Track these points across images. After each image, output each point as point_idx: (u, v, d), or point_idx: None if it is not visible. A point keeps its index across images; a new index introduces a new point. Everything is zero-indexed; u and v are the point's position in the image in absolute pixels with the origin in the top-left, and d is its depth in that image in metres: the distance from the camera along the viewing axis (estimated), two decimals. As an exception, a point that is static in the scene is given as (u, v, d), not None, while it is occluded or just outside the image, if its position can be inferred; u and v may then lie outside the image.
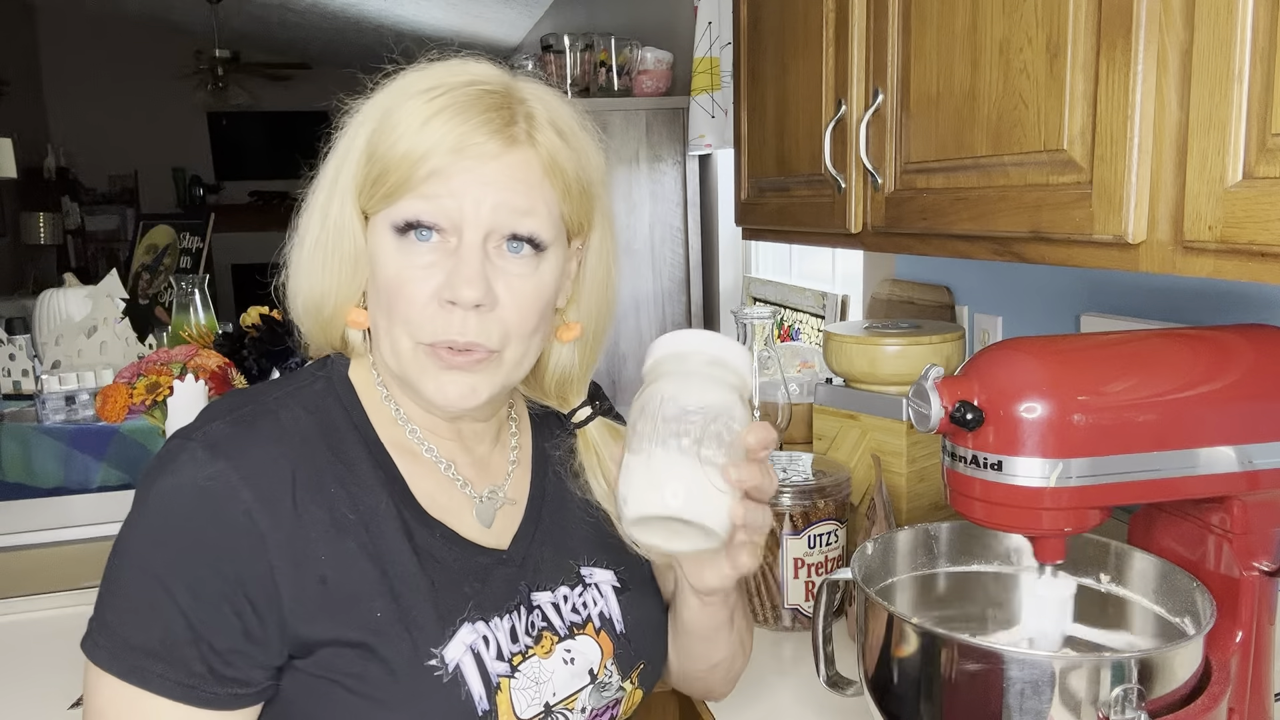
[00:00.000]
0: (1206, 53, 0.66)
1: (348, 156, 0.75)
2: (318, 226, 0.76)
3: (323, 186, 0.77)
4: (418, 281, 0.72)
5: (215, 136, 7.90)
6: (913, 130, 1.04)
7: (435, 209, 0.71)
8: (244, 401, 0.75)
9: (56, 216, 7.15)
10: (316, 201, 0.77)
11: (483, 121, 0.71)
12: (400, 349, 0.74)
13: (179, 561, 0.68)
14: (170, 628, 0.68)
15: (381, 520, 0.74)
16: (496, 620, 0.76)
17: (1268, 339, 0.80)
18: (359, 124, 0.75)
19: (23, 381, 2.85)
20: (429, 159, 0.70)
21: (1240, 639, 0.80)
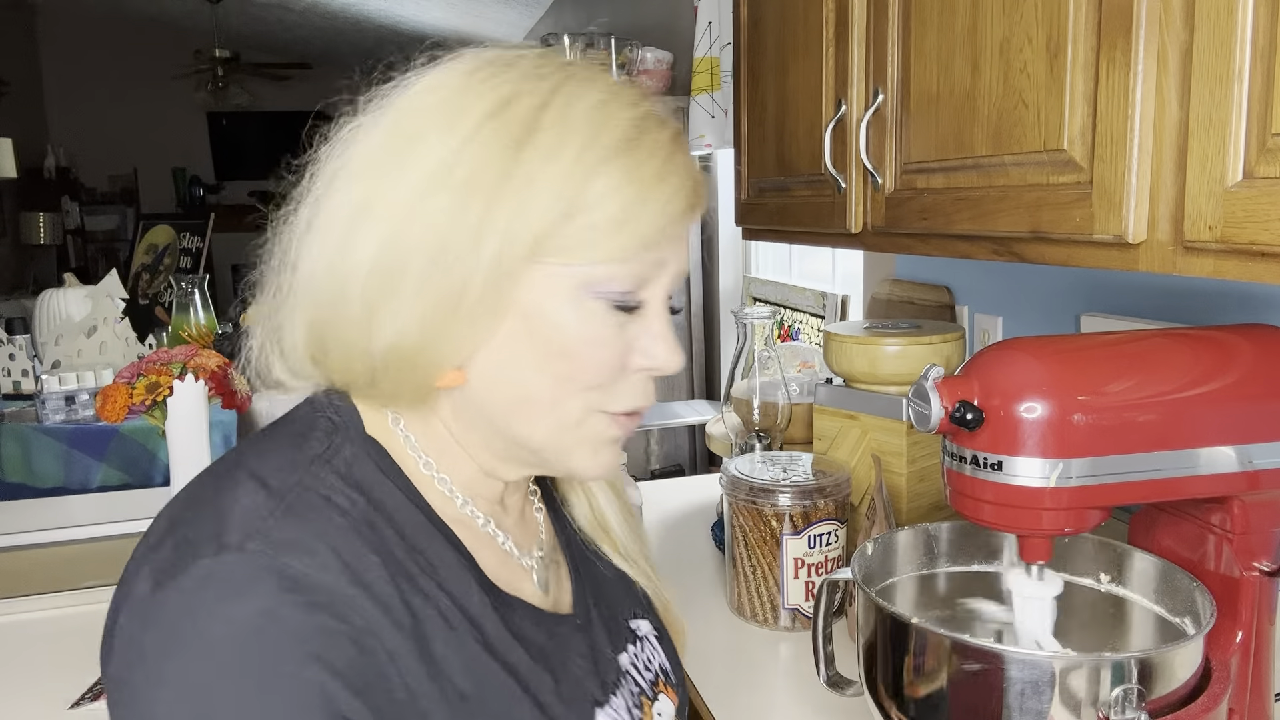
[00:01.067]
0: (1206, 53, 0.66)
1: (521, 197, 0.56)
2: (447, 266, 0.57)
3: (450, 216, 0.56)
4: (615, 349, 0.61)
5: (215, 136, 7.90)
6: (913, 130, 1.04)
7: (643, 275, 0.60)
8: (274, 480, 0.57)
9: (56, 216, 7.15)
10: (433, 233, 0.56)
11: (698, 176, 0.62)
12: (568, 420, 0.61)
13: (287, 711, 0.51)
14: None
15: (479, 609, 0.61)
16: (613, 698, 0.67)
17: (1268, 339, 0.80)
18: (533, 153, 0.57)
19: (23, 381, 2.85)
20: (659, 224, 0.59)
21: (1240, 639, 0.80)
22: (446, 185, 0.56)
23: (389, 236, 0.57)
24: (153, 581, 0.53)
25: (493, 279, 0.57)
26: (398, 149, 0.58)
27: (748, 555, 1.21)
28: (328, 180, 0.60)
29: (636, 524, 0.81)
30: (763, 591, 1.21)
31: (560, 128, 0.57)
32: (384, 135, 0.59)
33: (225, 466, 0.60)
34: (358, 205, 0.58)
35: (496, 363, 0.60)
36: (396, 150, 0.58)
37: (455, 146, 0.56)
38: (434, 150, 0.57)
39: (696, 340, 2.94)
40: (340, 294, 0.58)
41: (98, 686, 1.13)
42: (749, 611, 1.23)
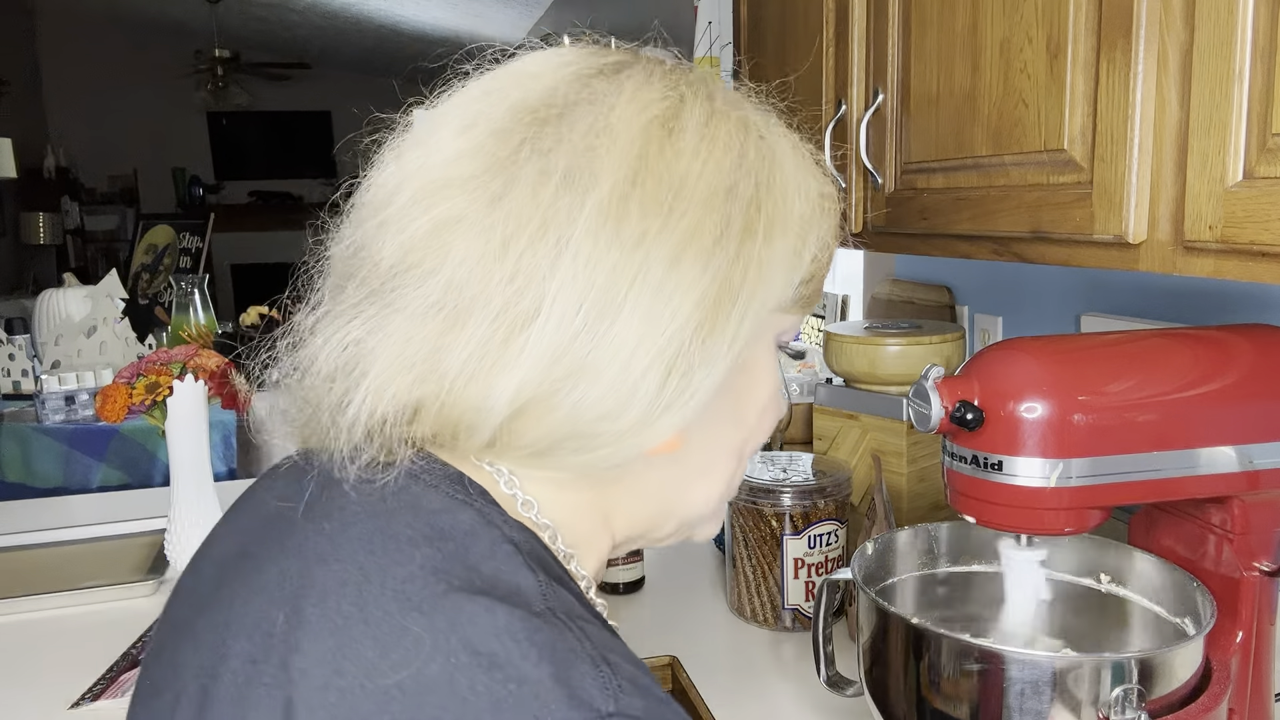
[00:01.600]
0: (1207, 52, 0.66)
1: (778, 227, 0.51)
2: (708, 302, 0.48)
3: (719, 240, 0.48)
4: (779, 405, 0.58)
5: (215, 136, 7.90)
6: (913, 130, 1.04)
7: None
8: (512, 589, 0.44)
9: (56, 216, 7.15)
10: (708, 265, 0.48)
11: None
12: (728, 489, 0.58)
13: None
14: None
15: None
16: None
17: (1268, 339, 0.80)
18: (783, 187, 0.52)
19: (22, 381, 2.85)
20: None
21: (1240, 639, 0.80)
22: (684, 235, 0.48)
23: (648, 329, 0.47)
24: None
25: (745, 332, 0.50)
26: (628, 237, 0.47)
27: (748, 555, 1.21)
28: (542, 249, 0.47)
29: None
30: (763, 591, 1.21)
31: (780, 209, 0.52)
32: (598, 213, 0.47)
33: (437, 605, 0.43)
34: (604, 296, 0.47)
35: (708, 423, 0.52)
36: (625, 241, 0.47)
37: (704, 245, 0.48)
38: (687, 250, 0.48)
39: (696, 340, 2.94)
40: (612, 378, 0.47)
41: (98, 686, 1.13)
42: (749, 612, 1.23)
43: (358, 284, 0.49)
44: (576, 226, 0.46)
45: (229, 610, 0.47)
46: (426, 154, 0.50)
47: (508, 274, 0.46)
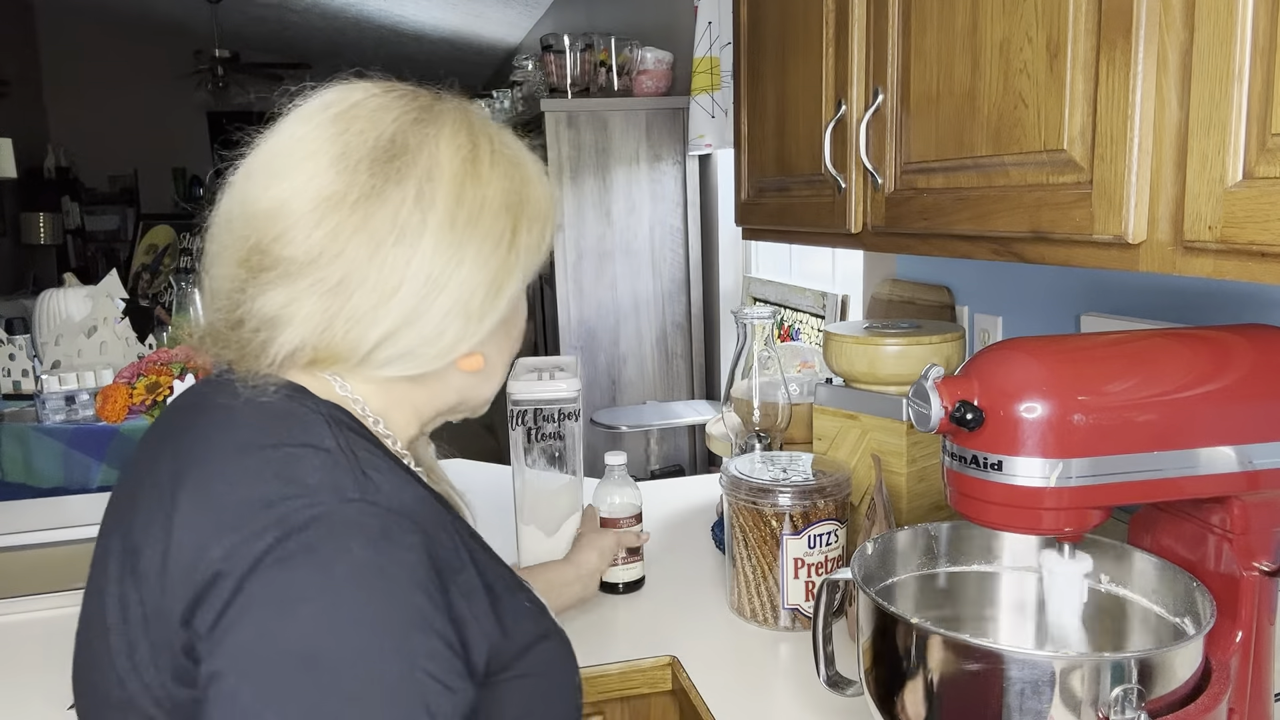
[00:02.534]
0: (1206, 52, 0.66)
1: (536, 220, 0.78)
2: (484, 267, 0.74)
3: (487, 226, 0.74)
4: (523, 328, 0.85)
5: (215, 136, 7.90)
6: (913, 130, 1.04)
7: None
8: (324, 443, 0.69)
9: (56, 216, 7.15)
10: (496, 253, 0.75)
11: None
12: (497, 388, 0.85)
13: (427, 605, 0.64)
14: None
15: (462, 528, 0.76)
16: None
17: (1268, 339, 0.80)
18: (533, 192, 0.78)
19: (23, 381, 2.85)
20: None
21: (1240, 639, 0.80)
22: (484, 212, 0.75)
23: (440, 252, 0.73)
24: (245, 553, 0.62)
25: (526, 277, 0.79)
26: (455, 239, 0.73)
27: (748, 555, 1.21)
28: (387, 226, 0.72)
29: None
30: (763, 591, 1.21)
31: (532, 218, 0.78)
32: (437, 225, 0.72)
33: (263, 450, 0.68)
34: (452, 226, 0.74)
35: (494, 344, 0.80)
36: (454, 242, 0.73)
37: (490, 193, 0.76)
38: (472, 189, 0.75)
39: (696, 340, 2.95)
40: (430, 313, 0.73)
41: (98, 686, 1.13)
42: (749, 611, 1.23)
43: (280, 272, 0.71)
44: (424, 234, 0.71)
45: (139, 486, 0.73)
46: (310, 176, 0.71)
47: (380, 265, 0.70)
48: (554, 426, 1.28)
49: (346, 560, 0.61)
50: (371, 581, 0.62)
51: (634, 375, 2.92)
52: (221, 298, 0.74)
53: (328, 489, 0.65)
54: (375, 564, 0.62)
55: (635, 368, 2.91)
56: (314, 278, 0.70)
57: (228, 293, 0.73)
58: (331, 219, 0.70)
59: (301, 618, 0.60)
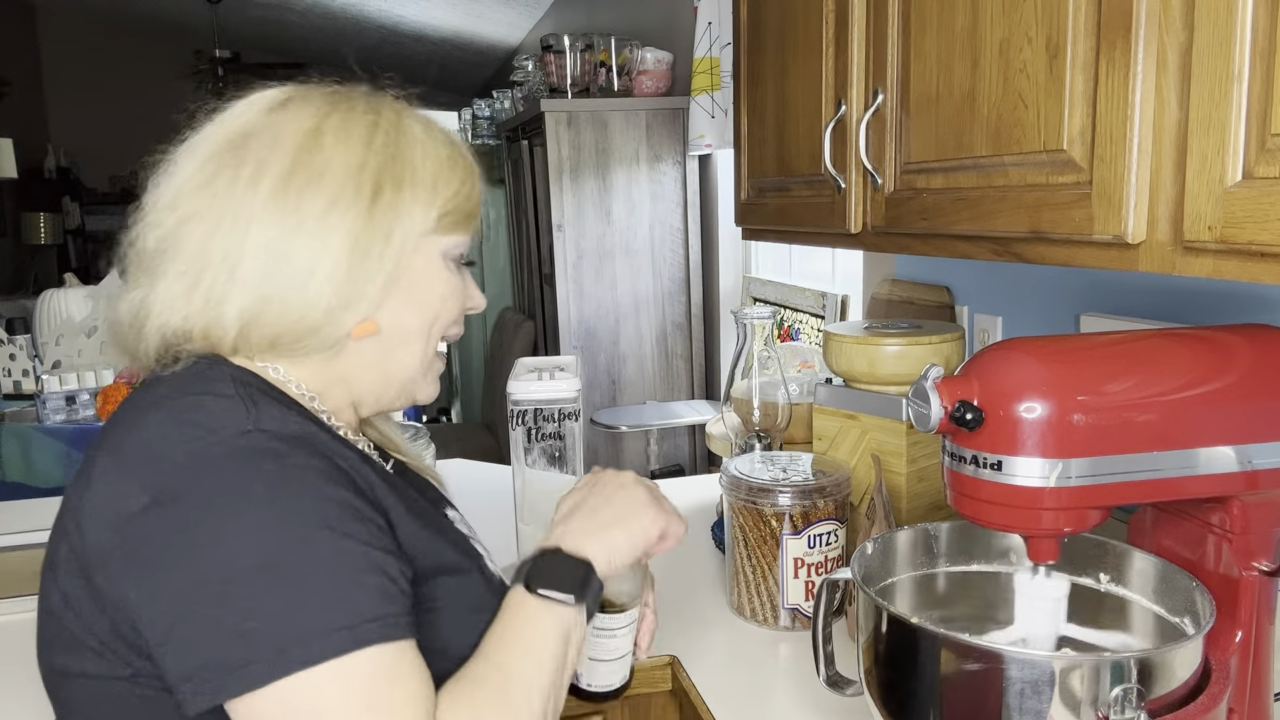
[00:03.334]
0: (1206, 53, 0.66)
1: (416, 171, 0.79)
2: (352, 233, 0.75)
3: (350, 193, 0.76)
4: (460, 297, 0.84)
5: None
6: (913, 130, 1.05)
7: (467, 241, 0.84)
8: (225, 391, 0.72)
9: (56, 216, 7.15)
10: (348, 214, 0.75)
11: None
12: (427, 355, 0.83)
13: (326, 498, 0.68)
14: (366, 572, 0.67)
15: (389, 482, 0.78)
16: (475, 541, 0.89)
17: (1268, 339, 0.80)
18: (409, 156, 0.79)
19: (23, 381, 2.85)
20: (476, 203, 0.83)
21: (1240, 639, 0.80)
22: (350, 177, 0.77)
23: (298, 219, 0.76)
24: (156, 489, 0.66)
25: (403, 241, 0.78)
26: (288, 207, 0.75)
27: (748, 555, 1.21)
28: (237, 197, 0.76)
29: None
30: (763, 591, 1.21)
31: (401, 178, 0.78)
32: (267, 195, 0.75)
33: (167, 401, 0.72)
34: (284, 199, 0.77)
35: (395, 313, 0.80)
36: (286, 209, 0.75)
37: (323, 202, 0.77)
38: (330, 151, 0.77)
39: (696, 340, 2.95)
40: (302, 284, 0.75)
41: (98, 686, 1.13)
42: (749, 611, 1.23)
43: (135, 265, 0.78)
44: (256, 204, 0.74)
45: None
46: (173, 174, 0.78)
47: (221, 242, 0.74)
48: (554, 426, 1.28)
49: (261, 479, 0.66)
50: (289, 489, 0.66)
51: (634, 375, 2.92)
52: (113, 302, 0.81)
53: (228, 427, 0.68)
54: (286, 476, 0.66)
55: (635, 368, 2.91)
56: (167, 267, 0.75)
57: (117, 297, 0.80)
58: (181, 208, 0.76)
59: (231, 535, 0.64)
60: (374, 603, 0.65)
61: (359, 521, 0.68)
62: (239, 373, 0.75)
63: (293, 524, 0.65)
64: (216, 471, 0.66)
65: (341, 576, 0.65)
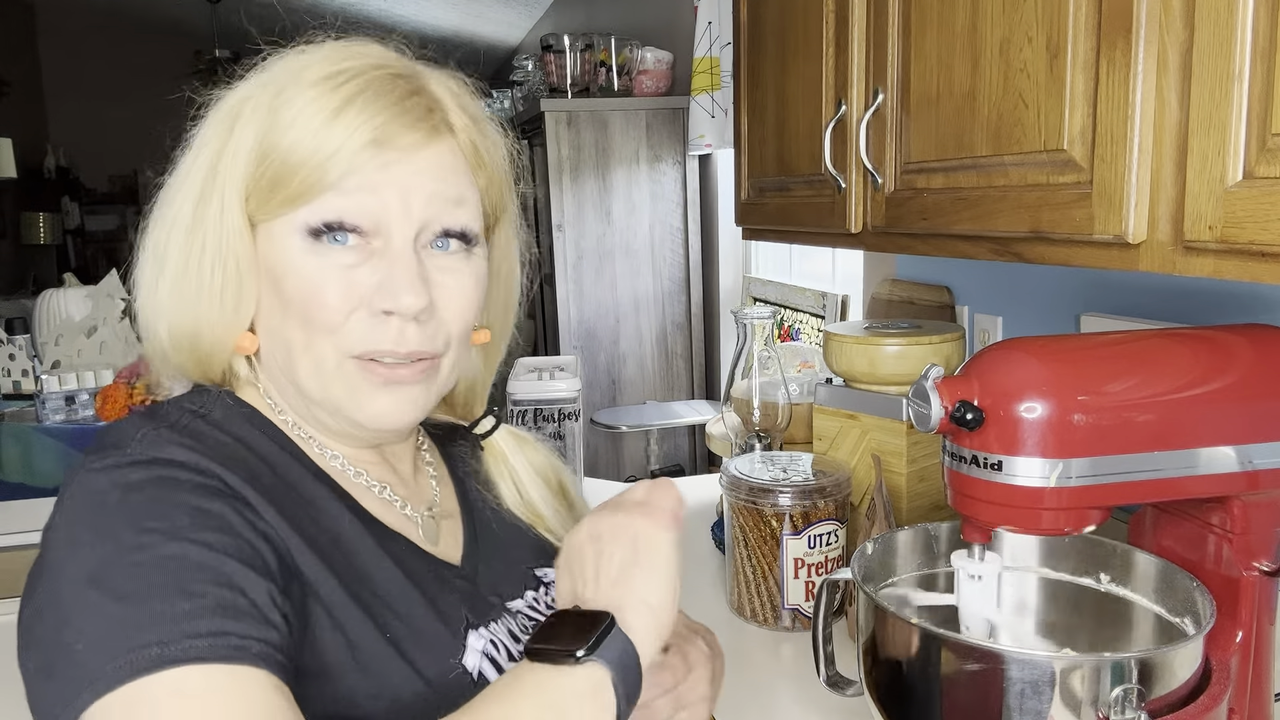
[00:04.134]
0: (1206, 53, 0.66)
1: (226, 159, 0.65)
2: (184, 244, 0.66)
3: (185, 197, 0.67)
4: (341, 287, 0.64)
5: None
6: (913, 130, 1.04)
7: (355, 207, 0.64)
8: (155, 417, 0.64)
9: (56, 216, 7.15)
10: (176, 216, 0.67)
11: (400, 110, 0.65)
12: (325, 366, 0.66)
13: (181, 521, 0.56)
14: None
15: (351, 532, 0.67)
16: (494, 625, 0.72)
17: (1268, 339, 0.80)
18: (237, 120, 0.66)
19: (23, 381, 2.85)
20: (343, 155, 0.63)
21: (1240, 639, 0.80)
22: (179, 182, 0.68)
23: (151, 241, 0.69)
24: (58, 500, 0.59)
25: (222, 242, 0.65)
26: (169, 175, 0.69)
27: (748, 555, 1.21)
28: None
29: (572, 507, 0.87)
30: (763, 591, 1.21)
31: (259, 93, 0.66)
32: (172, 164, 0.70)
33: (147, 419, 0.65)
34: (144, 225, 0.70)
35: (265, 319, 0.67)
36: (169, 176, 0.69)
37: (191, 150, 0.68)
38: (179, 163, 0.69)
39: (696, 340, 2.95)
40: (139, 300, 0.69)
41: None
42: (749, 611, 1.23)
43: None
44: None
45: None
46: None
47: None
48: (554, 426, 1.28)
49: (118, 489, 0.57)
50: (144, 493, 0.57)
51: (634, 375, 2.92)
52: None
53: (113, 447, 0.60)
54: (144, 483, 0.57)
55: (635, 368, 2.91)
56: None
57: None
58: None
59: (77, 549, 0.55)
60: (203, 617, 0.52)
61: (222, 533, 0.56)
62: (208, 402, 0.68)
63: (131, 528, 0.55)
64: (82, 490, 0.58)
65: (171, 583, 0.53)
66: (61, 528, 0.57)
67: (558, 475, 0.87)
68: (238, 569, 0.56)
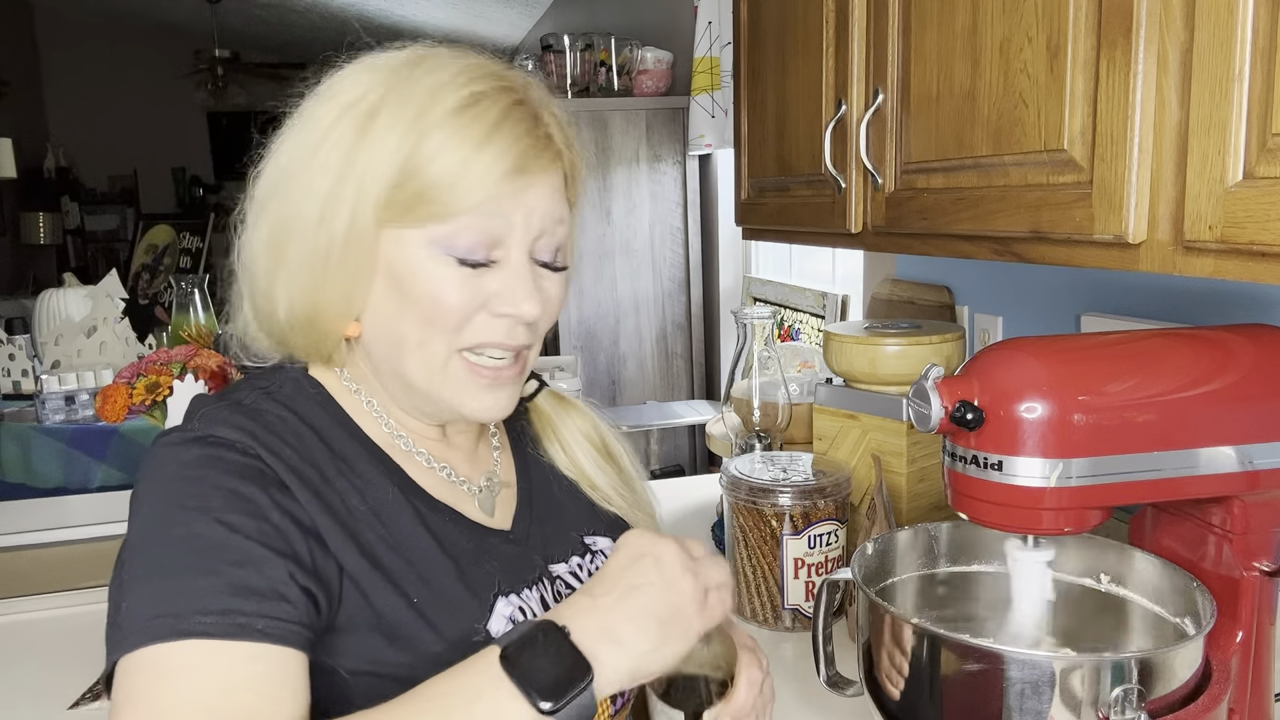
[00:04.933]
0: (1206, 53, 0.66)
1: (362, 164, 0.69)
2: (311, 237, 0.71)
3: (311, 191, 0.70)
4: (467, 293, 0.71)
5: (215, 136, 7.89)
6: (913, 130, 1.04)
7: (487, 227, 0.71)
8: (230, 397, 0.73)
9: (56, 216, 7.14)
10: (301, 208, 0.71)
11: (532, 140, 0.72)
12: (435, 363, 0.73)
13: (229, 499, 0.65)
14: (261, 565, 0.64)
15: (393, 509, 0.74)
16: (526, 592, 0.77)
17: (1268, 339, 0.80)
18: (371, 126, 0.69)
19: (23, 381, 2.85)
20: (484, 184, 0.69)
21: (1240, 639, 0.80)
22: (310, 167, 0.70)
23: (275, 216, 0.72)
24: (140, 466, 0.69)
25: (351, 241, 0.70)
26: (287, 142, 0.73)
27: (748, 555, 1.21)
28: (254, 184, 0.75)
29: (619, 471, 0.92)
30: (763, 591, 1.21)
31: (397, 108, 0.69)
32: (282, 143, 0.73)
33: (216, 397, 0.74)
34: (257, 195, 0.74)
35: (376, 312, 0.73)
36: (285, 143, 0.73)
37: (320, 133, 0.71)
38: (306, 140, 0.71)
39: (696, 340, 2.95)
40: (251, 273, 0.74)
41: (98, 686, 1.13)
42: (749, 611, 1.23)
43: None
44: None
45: None
46: None
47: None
48: (554, 426, 1.28)
49: (174, 464, 0.67)
50: (188, 472, 0.66)
51: (634, 375, 2.92)
52: None
53: (179, 430, 0.70)
54: (193, 461, 0.67)
55: (635, 367, 2.91)
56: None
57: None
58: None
59: (137, 516, 0.66)
60: (219, 594, 0.61)
61: (252, 516, 0.64)
62: (275, 381, 0.76)
63: (174, 504, 0.64)
64: (149, 466, 0.68)
65: (193, 561, 0.62)
66: (135, 495, 0.67)
67: (602, 436, 0.93)
68: (256, 549, 0.63)
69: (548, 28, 4.77)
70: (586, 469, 0.90)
